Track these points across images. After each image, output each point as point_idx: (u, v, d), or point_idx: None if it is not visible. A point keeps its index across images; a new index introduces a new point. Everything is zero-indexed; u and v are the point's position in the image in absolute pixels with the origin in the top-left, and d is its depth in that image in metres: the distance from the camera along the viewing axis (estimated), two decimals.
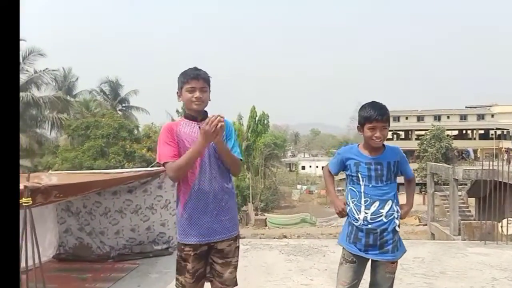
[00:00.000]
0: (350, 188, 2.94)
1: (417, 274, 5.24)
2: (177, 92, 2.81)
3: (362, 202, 2.83)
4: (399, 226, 2.87)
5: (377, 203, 2.80)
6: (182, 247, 2.75)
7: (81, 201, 6.38)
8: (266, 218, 35.39)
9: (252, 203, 39.23)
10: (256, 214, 37.19)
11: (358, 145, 2.98)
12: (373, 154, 2.87)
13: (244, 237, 26.22)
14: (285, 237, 28.73)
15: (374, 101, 2.88)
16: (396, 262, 2.90)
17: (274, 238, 28.00)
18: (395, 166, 2.88)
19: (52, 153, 20.99)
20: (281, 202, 44.58)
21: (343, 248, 2.96)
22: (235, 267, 2.82)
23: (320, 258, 6.04)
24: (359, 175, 2.85)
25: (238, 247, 2.86)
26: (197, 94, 2.71)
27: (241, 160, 2.90)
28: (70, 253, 6.40)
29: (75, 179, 5.30)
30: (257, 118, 44.15)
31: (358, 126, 2.91)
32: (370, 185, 2.82)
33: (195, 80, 2.72)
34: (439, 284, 4.87)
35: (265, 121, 44.92)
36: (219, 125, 2.52)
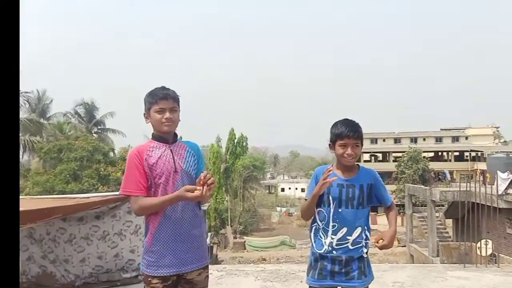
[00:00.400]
0: (319, 210, 2.75)
1: None
2: (144, 114, 2.65)
3: (330, 226, 2.67)
4: (367, 252, 2.73)
5: (344, 230, 2.65)
6: (150, 279, 2.55)
7: (44, 228, 6.02)
8: (245, 241, 34.98)
9: (231, 226, 38.72)
10: (235, 237, 36.69)
11: (332, 165, 2.82)
12: (346, 175, 2.71)
13: (222, 261, 25.84)
14: (264, 260, 28.37)
15: (347, 118, 2.75)
16: (366, 286, 2.74)
17: (253, 261, 27.59)
18: (368, 190, 2.71)
19: (23, 177, 20.32)
20: (260, 225, 44.15)
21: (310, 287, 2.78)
22: None
23: (297, 284, 5.81)
24: (330, 197, 2.68)
25: (207, 276, 2.68)
26: (167, 115, 2.55)
27: None
28: (33, 282, 6.01)
29: (37, 205, 4.98)
30: (235, 140, 44.02)
31: (329, 144, 2.76)
32: (340, 209, 2.66)
33: (164, 100, 2.56)
34: None
35: (244, 143, 44.81)
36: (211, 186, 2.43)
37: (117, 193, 6.94)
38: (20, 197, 6.72)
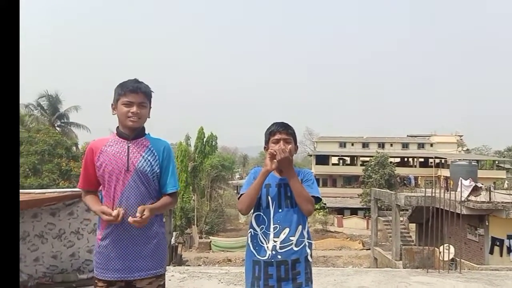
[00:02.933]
0: (257, 214, 2.66)
1: None
2: (112, 105, 2.47)
3: (271, 229, 2.58)
4: (311, 256, 2.65)
5: (287, 230, 2.57)
6: (96, 281, 2.40)
7: None
8: (210, 241, 34.69)
9: (197, 226, 38.32)
10: (201, 237, 36.34)
11: None
12: (283, 175, 2.64)
13: (186, 261, 25.49)
14: (229, 260, 28.20)
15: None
16: None
17: (218, 262, 27.38)
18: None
19: None
20: (227, 225, 43.92)
21: None
22: None
23: None
24: (269, 198, 2.62)
25: (162, 285, 2.49)
26: (134, 109, 2.38)
27: (177, 190, 2.59)
28: None
29: None
30: (205, 139, 43.64)
31: (265, 147, 2.74)
32: (280, 209, 2.59)
33: (133, 93, 2.39)
34: None
35: (213, 143, 44.46)
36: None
37: (74, 189, 6.65)
38: None
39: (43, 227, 5.81)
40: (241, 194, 2.70)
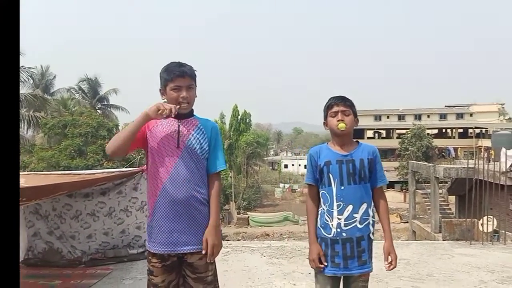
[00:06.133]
0: (321, 192, 2.67)
1: (403, 277, 5.05)
2: (160, 90, 2.54)
3: (335, 207, 2.58)
4: (373, 233, 2.65)
5: (350, 207, 2.57)
6: (150, 257, 2.50)
7: (50, 204, 6.02)
8: (248, 217, 35.19)
9: (235, 202, 38.96)
10: (239, 213, 36.96)
11: (328, 143, 2.75)
12: (345, 151, 2.64)
13: (226, 236, 26.06)
14: (267, 235, 28.61)
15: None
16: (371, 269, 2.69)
17: (256, 236, 27.84)
18: (370, 165, 2.63)
19: (28, 152, 20.32)
20: (264, 201, 44.38)
21: (318, 276, 2.67)
22: (210, 283, 2.54)
23: (303, 261, 5.81)
24: (330, 175, 2.61)
25: (211, 261, 2.55)
26: (183, 93, 2.46)
27: (223, 170, 2.67)
28: (39, 258, 6.04)
29: (42, 181, 4.96)
30: (239, 117, 43.85)
31: (324, 123, 2.74)
32: (342, 187, 2.58)
33: (180, 78, 2.46)
34: None
35: (247, 120, 44.63)
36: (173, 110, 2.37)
37: (122, 169, 6.92)
38: (25, 173, 6.72)
39: (94, 206, 6.10)
40: (306, 184, 2.76)
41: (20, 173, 6.55)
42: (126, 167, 8.35)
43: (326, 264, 2.60)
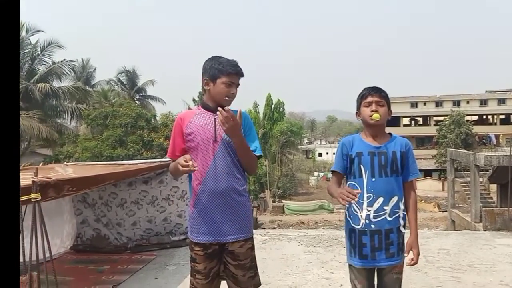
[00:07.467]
0: (350, 183, 2.64)
1: (443, 268, 5.04)
2: (205, 79, 2.59)
3: (365, 198, 2.56)
4: (404, 226, 2.64)
5: (381, 200, 2.55)
6: (192, 246, 2.63)
7: (97, 193, 6.32)
8: (283, 205, 35.33)
9: (270, 190, 39.19)
10: (274, 201, 37.16)
11: (360, 133, 2.73)
12: (377, 142, 2.62)
13: (262, 223, 26.30)
14: (302, 223, 28.69)
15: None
16: (403, 261, 2.69)
17: (291, 225, 27.96)
18: (402, 158, 2.61)
19: (73, 142, 21.12)
20: (298, 189, 44.43)
21: (351, 267, 2.70)
22: (249, 269, 2.65)
23: (340, 250, 5.87)
24: (361, 166, 2.59)
25: (251, 248, 2.68)
26: (234, 90, 2.58)
27: (261, 156, 2.71)
28: (88, 244, 6.37)
29: (90, 171, 5.22)
30: (273, 106, 43.83)
31: (356, 113, 2.72)
32: (373, 178, 2.56)
33: (236, 76, 2.58)
34: (466, 279, 4.67)
35: (281, 109, 44.55)
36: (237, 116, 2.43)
37: (162, 159, 7.16)
38: (72, 163, 7.06)
39: (138, 195, 6.37)
40: (332, 171, 2.73)
41: (68, 163, 6.89)
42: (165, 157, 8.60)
43: (359, 191, 2.52)
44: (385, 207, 2.56)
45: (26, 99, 20.75)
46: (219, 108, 2.39)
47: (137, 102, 30.91)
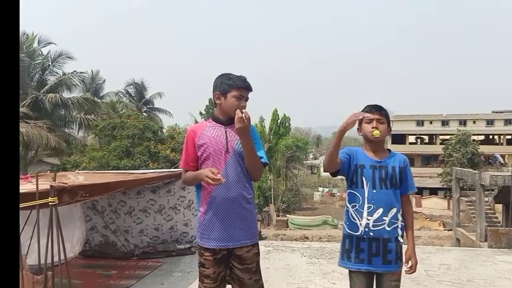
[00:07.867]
0: (351, 192, 2.80)
1: (443, 282, 5.13)
2: (217, 94, 2.76)
3: (365, 208, 2.71)
4: (402, 236, 2.77)
5: (380, 210, 2.69)
6: (202, 251, 2.76)
7: (106, 200, 6.49)
8: (287, 219, 35.23)
9: (274, 204, 39.12)
10: (278, 215, 37.06)
11: (362, 147, 2.91)
12: (378, 157, 2.80)
13: (265, 237, 26.27)
14: (306, 238, 28.58)
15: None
16: (400, 270, 2.80)
17: (295, 239, 27.86)
18: (401, 173, 2.78)
19: (80, 152, 21.34)
20: (303, 204, 44.31)
21: (350, 272, 2.81)
22: (255, 272, 2.79)
23: None
24: (363, 178, 2.75)
25: (257, 253, 2.82)
26: (244, 103, 2.73)
27: (266, 164, 2.85)
28: (96, 249, 6.52)
29: (101, 179, 5.39)
30: (279, 121, 44.05)
31: (358, 128, 2.88)
32: (374, 190, 2.72)
33: (246, 90, 2.75)
34: None
35: (287, 124, 44.74)
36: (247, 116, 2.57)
37: (170, 169, 7.33)
38: (83, 171, 7.24)
39: (146, 203, 6.53)
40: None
41: (79, 171, 7.08)
42: (173, 168, 8.77)
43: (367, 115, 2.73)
44: (384, 218, 2.70)
45: (36, 109, 21.06)
46: (238, 110, 2.57)
47: (144, 114, 31.21)
